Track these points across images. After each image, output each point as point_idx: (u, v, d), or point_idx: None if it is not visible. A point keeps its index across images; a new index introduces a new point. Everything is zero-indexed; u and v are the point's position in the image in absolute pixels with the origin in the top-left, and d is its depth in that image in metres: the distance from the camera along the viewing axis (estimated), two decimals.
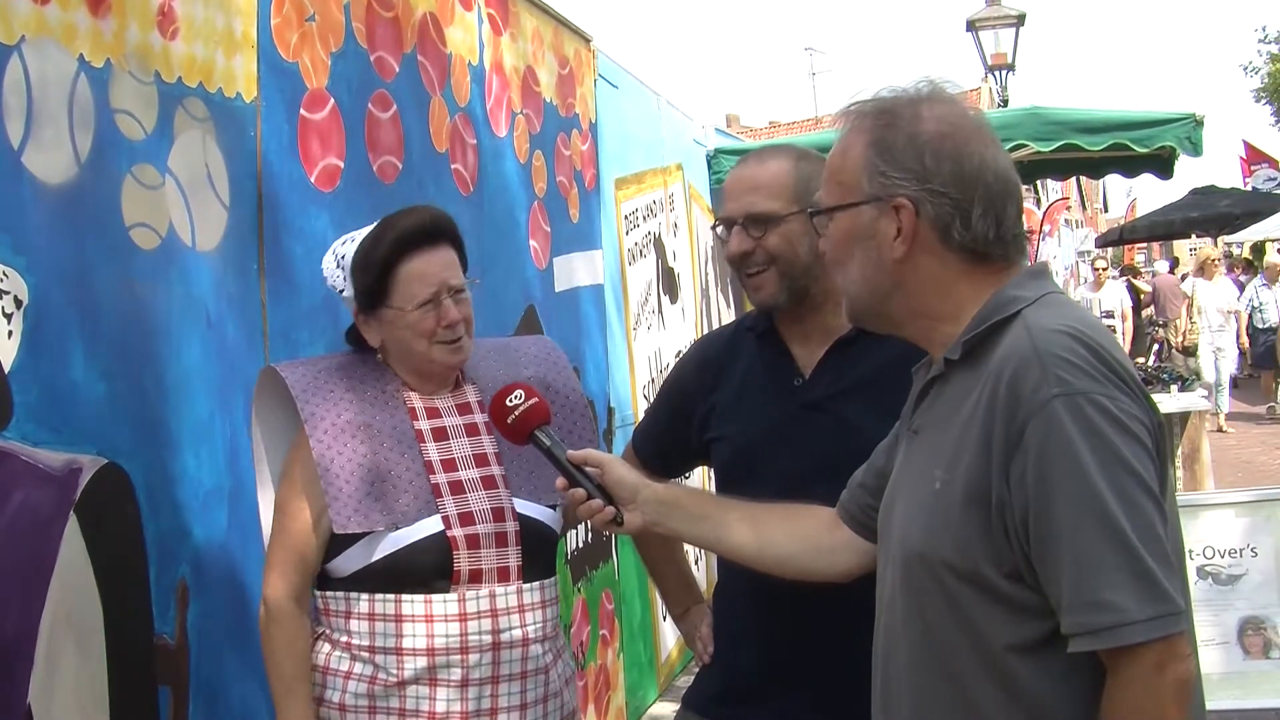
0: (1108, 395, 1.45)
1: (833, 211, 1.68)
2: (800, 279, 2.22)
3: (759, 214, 2.21)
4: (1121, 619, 1.39)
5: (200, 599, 2.48)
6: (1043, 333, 1.50)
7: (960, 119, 1.64)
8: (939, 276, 1.62)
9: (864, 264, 1.66)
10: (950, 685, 1.55)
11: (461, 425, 2.25)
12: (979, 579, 1.50)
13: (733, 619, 2.35)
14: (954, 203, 1.59)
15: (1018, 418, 1.46)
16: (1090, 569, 1.41)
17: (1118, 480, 1.42)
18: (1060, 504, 1.42)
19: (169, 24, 2.48)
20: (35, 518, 2.08)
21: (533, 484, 2.23)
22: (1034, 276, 1.64)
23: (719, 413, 2.33)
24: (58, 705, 2.10)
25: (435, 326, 2.18)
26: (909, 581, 1.60)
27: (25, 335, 2.08)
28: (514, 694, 2.11)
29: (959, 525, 1.51)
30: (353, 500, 2.13)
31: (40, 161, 2.13)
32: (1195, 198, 17.60)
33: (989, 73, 11.30)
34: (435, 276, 2.19)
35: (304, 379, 2.23)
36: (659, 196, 5.97)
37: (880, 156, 1.62)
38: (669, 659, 5.69)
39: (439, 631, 2.10)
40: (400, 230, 2.22)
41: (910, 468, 1.68)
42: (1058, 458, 1.43)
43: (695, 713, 2.37)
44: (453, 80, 3.71)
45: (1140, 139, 6.70)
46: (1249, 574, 4.44)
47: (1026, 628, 1.48)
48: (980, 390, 1.52)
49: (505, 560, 2.16)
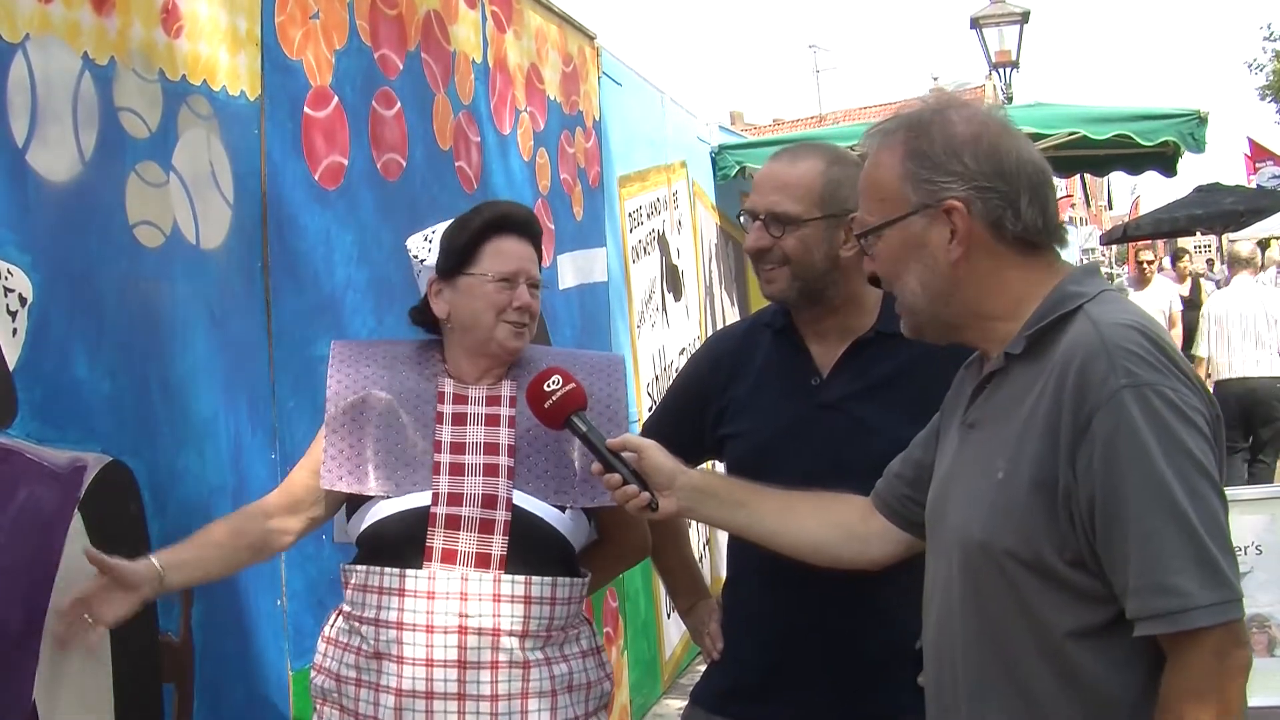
0: (1171, 387, 1.48)
1: (879, 230, 1.70)
2: (813, 282, 2.22)
3: (781, 214, 2.21)
4: (1186, 603, 1.42)
5: (204, 597, 2.48)
6: (1109, 326, 1.53)
7: (986, 117, 1.69)
8: (996, 273, 1.65)
9: (920, 274, 1.68)
10: (1008, 673, 1.57)
11: (484, 414, 2.25)
12: (1042, 566, 1.53)
13: (743, 614, 2.34)
14: (1002, 195, 1.63)
15: (1085, 407, 1.49)
16: (1156, 554, 1.44)
17: (1183, 469, 1.45)
18: (1127, 491, 1.46)
19: (173, 22, 2.48)
20: (40, 515, 2.08)
21: (543, 483, 2.22)
22: (1089, 274, 1.67)
23: (733, 409, 2.33)
24: (62, 702, 2.10)
25: (508, 304, 2.23)
26: (968, 571, 1.62)
27: (30, 333, 2.08)
28: (483, 683, 2.10)
29: (1023, 513, 1.54)
30: (349, 463, 2.19)
31: (44, 159, 2.13)
32: (1199, 195, 17.57)
33: (993, 70, 11.27)
34: (520, 259, 2.26)
35: (347, 350, 2.32)
36: (663, 194, 5.97)
37: (921, 164, 1.65)
38: (673, 656, 5.69)
39: (408, 606, 2.12)
40: (501, 210, 2.31)
41: (967, 460, 1.69)
42: (1125, 446, 1.46)
43: (704, 709, 2.36)
44: (457, 78, 3.71)
45: (1144, 132, 6.70)
46: (1253, 572, 4.43)
47: (1087, 614, 1.51)
48: (1045, 382, 1.56)
49: (488, 547, 2.15)
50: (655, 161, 5.89)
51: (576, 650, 2.24)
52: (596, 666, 2.28)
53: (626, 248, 5.33)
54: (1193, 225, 18.11)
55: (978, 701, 1.61)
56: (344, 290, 3.06)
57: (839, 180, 2.20)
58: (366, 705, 2.12)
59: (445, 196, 3.51)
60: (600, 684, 2.28)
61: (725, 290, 7.19)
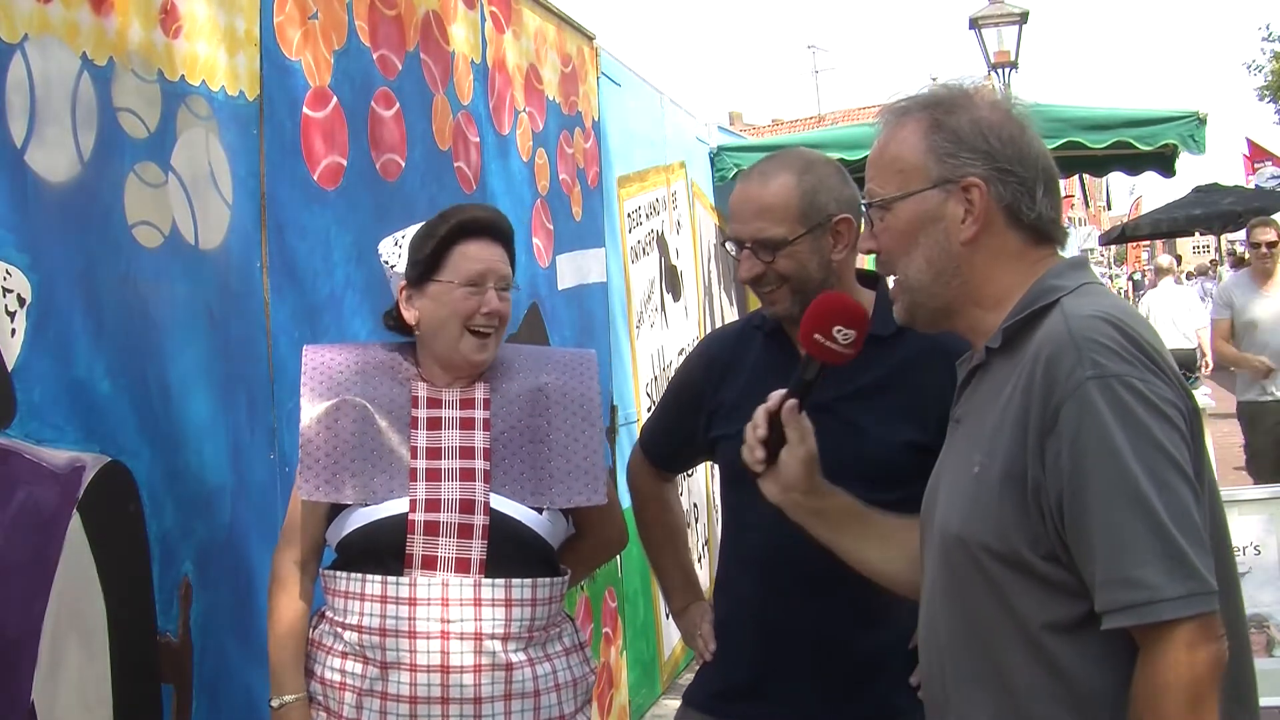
0: (1141, 379, 1.47)
1: (894, 202, 1.69)
2: (813, 293, 2.22)
3: (766, 240, 2.21)
4: (1153, 595, 1.41)
5: (203, 597, 2.48)
6: (1079, 318, 1.53)
7: (1008, 106, 1.70)
8: (999, 260, 1.66)
9: (929, 249, 1.67)
10: (992, 667, 1.57)
11: (458, 418, 2.26)
12: (1017, 561, 1.53)
13: (735, 615, 2.34)
14: (1021, 181, 1.64)
15: (1052, 400, 1.49)
16: (1122, 547, 1.43)
17: (1150, 461, 1.44)
18: (1093, 484, 1.45)
19: (172, 22, 2.48)
20: (38, 516, 2.08)
21: (519, 485, 2.23)
22: (1073, 267, 1.67)
23: (726, 410, 2.33)
24: (61, 703, 2.10)
25: (475, 310, 2.23)
26: (948, 565, 1.62)
27: (29, 333, 2.08)
28: (466, 686, 2.11)
29: (996, 508, 1.54)
30: (325, 472, 2.19)
31: (43, 160, 2.13)
32: (1198, 195, 17.59)
33: (992, 70, 11.28)
34: (487, 260, 2.25)
35: (319, 356, 2.31)
36: (662, 194, 5.97)
37: (947, 139, 1.65)
38: (672, 656, 5.69)
39: (390, 613, 2.13)
40: (466, 215, 2.30)
41: (952, 455, 1.71)
42: (1091, 439, 1.45)
43: (697, 710, 2.37)
44: (455, 78, 3.71)
45: (1143, 136, 6.71)
46: (1252, 572, 4.43)
47: (1064, 608, 1.51)
48: (1017, 376, 1.56)
49: (467, 552, 2.16)
50: (654, 162, 5.89)
51: (559, 648, 2.26)
52: (580, 663, 2.31)
53: (625, 248, 5.33)
54: (1191, 226, 18.13)
55: (964, 695, 1.62)
56: (343, 290, 3.06)
57: (814, 189, 2.21)
58: (351, 709, 2.14)
59: (444, 197, 3.51)
60: (584, 680, 2.30)
61: (724, 291, 7.19)
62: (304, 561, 2.27)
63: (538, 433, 2.27)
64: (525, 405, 2.29)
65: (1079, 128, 6.66)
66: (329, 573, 2.22)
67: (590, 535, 2.42)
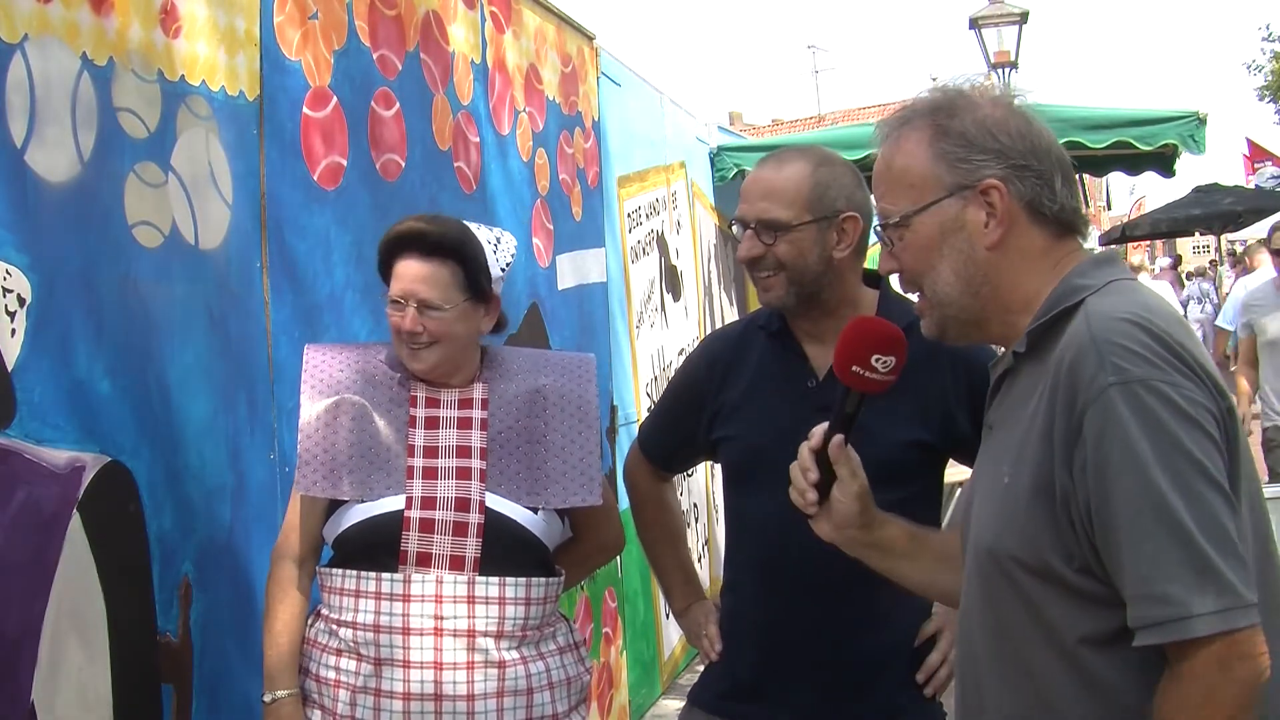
0: (1169, 382, 1.39)
1: (911, 217, 1.61)
2: (808, 285, 2.22)
3: (771, 220, 2.21)
4: (1181, 612, 1.34)
5: (203, 597, 2.48)
6: (1101, 319, 1.46)
7: (1010, 100, 1.64)
8: (1027, 260, 1.59)
9: (954, 260, 1.60)
10: (1026, 679, 1.52)
11: (456, 418, 2.27)
12: (1049, 573, 1.47)
13: (741, 616, 2.34)
14: (1038, 174, 1.58)
15: (1076, 408, 1.43)
16: (1149, 562, 1.36)
17: (1177, 470, 1.37)
18: (1118, 496, 1.39)
19: (172, 22, 2.48)
20: (38, 516, 2.08)
21: (515, 485, 2.24)
22: (1099, 264, 1.60)
23: (728, 411, 2.32)
24: (61, 703, 2.10)
25: (398, 327, 2.25)
26: (982, 577, 1.57)
27: (29, 333, 2.08)
28: (459, 683, 2.12)
29: (1026, 520, 1.48)
30: (323, 468, 2.21)
31: (43, 160, 2.13)
32: (1198, 195, 17.57)
33: (992, 70, 11.27)
34: (408, 280, 2.25)
35: (320, 355, 2.33)
36: (662, 194, 5.97)
37: (956, 144, 1.58)
38: (672, 656, 5.69)
39: (384, 610, 2.15)
40: (400, 229, 2.31)
41: (985, 464, 1.65)
42: (1114, 448, 1.39)
43: (703, 710, 2.37)
44: (455, 78, 3.71)
45: (1143, 136, 6.70)
46: None
47: (1099, 620, 1.44)
48: (1043, 383, 1.50)
49: (462, 550, 2.17)
50: (654, 162, 5.89)
51: (554, 647, 2.27)
52: (575, 662, 2.31)
53: (625, 248, 5.33)
54: (1191, 226, 18.11)
55: (1000, 707, 1.57)
56: (343, 290, 3.06)
57: (827, 182, 2.21)
58: (345, 706, 2.15)
59: (444, 197, 3.51)
60: (579, 679, 2.31)
61: (724, 291, 7.19)
62: (302, 559, 2.28)
63: (535, 433, 2.28)
64: (523, 406, 2.30)
65: (1079, 128, 6.65)
66: (325, 570, 2.23)
67: (587, 538, 2.43)
